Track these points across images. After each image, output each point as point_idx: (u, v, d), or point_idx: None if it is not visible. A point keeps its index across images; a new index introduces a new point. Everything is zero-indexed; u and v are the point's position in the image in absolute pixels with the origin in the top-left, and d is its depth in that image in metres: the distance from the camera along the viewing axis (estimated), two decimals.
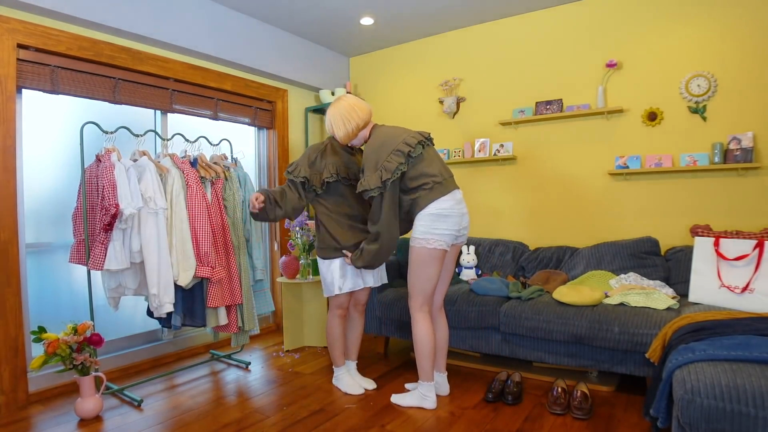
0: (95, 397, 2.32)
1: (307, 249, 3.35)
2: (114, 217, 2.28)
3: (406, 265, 3.36)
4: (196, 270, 2.56)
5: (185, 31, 3.11)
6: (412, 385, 2.58)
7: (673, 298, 2.53)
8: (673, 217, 3.02)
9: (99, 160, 2.43)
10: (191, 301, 2.70)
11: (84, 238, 2.44)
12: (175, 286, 2.53)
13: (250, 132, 3.95)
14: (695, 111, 2.92)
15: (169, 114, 3.27)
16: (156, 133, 2.78)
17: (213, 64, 3.44)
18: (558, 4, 3.38)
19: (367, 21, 3.64)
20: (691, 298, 2.45)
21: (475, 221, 3.80)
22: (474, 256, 3.33)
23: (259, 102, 3.82)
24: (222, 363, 3.12)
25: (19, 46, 2.46)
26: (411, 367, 2.95)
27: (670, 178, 3.03)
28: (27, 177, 2.60)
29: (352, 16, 3.56)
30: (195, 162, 2.79)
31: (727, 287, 2.31)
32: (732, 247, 2.35)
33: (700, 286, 2.41)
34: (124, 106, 2.94)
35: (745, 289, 2.26)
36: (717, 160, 2.81)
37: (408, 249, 3.39)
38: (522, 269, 3.24)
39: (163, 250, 2.45)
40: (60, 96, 2.68)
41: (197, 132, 3.28)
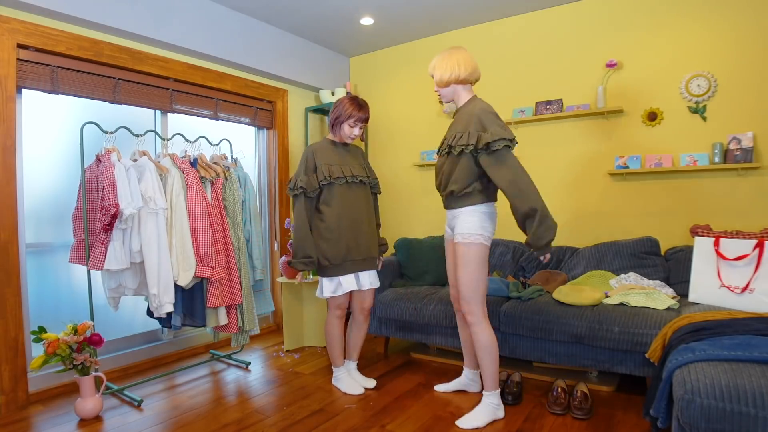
0: (95, 397, 2.32)
1: None
2: (114, 217, 2.28)
3: (406, 265, 3.35)
4: (196, 270, 2.56)
5: (185, 31, 3.11)
6: (441, 387, 2.56)
7: (673, 298, 2.53)
8: (673, 217, 3.02)
9: (99, 160, 2.43)
10: (191, 301, 2.70)
11: (84, 238, 2.44)
12: (175, 286, 2.53)
13: (250, 132, 3.95)
14: (695, 111, 2.92)
15: (169, 114, 3.27)
16: (156, 133, 2.78)
17: (213, 64, 3.44)
18: (558, 4, 3.38)
19: (367, 21, 3.64)
20: (691, 298, 2.45)
21: None
22: None
23: (259, 102, 3.82)
24: (222, 363, 3.12)
25: (19, 46, 2.46)
26: (411, 367, 2.95)
27: (670, 178, 3.03)
28: (27, 177, 2.60)
29: (352, 16, 3.56)
30: (195, 162, 2.79)
31: (727, 287, 2.31)
32: (732, 247, 2.35)
33: (700, 286, 2.41)
34: (124, 106, 2.94)
35: (745, 289, 2.25)
36: (717, 160, 2.81)
37: (408, 249, 3.42)
38: (522, 269, 3.24)
39: (163, 250, 2.45)
40: (60, 96, 2.68)
41: (197, 132, 3.28)
